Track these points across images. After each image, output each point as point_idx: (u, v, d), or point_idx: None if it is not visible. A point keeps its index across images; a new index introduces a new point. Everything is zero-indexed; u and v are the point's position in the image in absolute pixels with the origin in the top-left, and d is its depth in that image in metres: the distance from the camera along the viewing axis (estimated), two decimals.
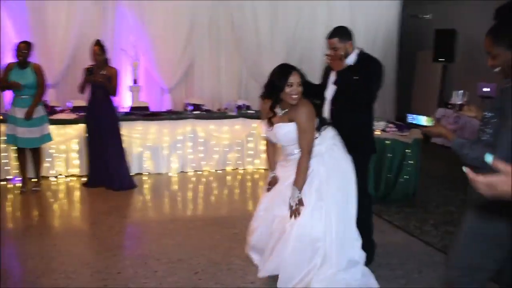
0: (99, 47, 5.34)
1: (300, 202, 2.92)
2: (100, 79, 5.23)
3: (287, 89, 2.87)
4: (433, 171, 6.65)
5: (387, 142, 4.94)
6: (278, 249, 2.96)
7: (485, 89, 7.96)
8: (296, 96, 2.89)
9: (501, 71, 2.02)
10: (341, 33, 3.29)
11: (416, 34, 10.41)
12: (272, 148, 3.33)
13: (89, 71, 5.23)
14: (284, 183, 3.10)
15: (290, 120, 2.96)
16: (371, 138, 3.50)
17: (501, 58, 1.97)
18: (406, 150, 5.02)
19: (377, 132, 4.96)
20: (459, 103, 2.36)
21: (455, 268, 2.16)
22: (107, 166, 5.43)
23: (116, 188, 5.39)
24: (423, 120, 2.31)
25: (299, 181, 2.95)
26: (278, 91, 2.89)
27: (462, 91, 2.36)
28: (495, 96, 3.16)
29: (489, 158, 0.91)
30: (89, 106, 5.45)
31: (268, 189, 3.23)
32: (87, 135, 5.51)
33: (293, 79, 2.88)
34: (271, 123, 3.03)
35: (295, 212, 2.91)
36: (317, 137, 3.02)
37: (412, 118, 2.31)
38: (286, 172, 3.11)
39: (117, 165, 5.49)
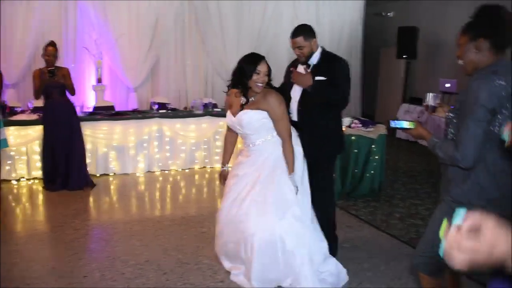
0: (54, 48, 5.20)
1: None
2: (61, 79, 5.16)
3: (254, 77, 2.91)
4: (398, 166, 6.80)
5: (352, 138, 5.01)
6: (254, 258, 2.95)
7: (447, 85, 8.20)
8: (261, 84, 2.93)
9: (463, 64, 2.13)
10: (305, 31, 3.26)
11: (380, 32, 10.64)
12: (231, 141, 3.37)
13: (50, 73, 5.08)
14: (241, 182, 3.10)
15: (257, 109, 2.98)
16: (340, 137, 3.51)
17: (463, 49, 2.09)
18: (372, 146, 5.11)
19: (343, 129, 5.02)
20: (432, 105, 2.42)
21: (422, 255, 2.26)
22: (68, 167, 5.32)
23: (77, 188, 5.32)
24: (405, 124, 2.34)
25: (291, 168, 3.02)
26: (246, 78, 2.91)
27: (435, 94, 2.45)
28: (457, 94, 3.31)
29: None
30: (47, 108, 5.29)
31: (223, 183, 3.30)
32: (45, 136, 5.34)
33: (261, 67, 2.92)
34: (236, 111, 3.05)
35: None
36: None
37: (395, 124, 2.34)
38: (244, 169, 3.11)
39: (79, 165, 5.41)
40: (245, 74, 2.91)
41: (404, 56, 9.17)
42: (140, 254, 3.66)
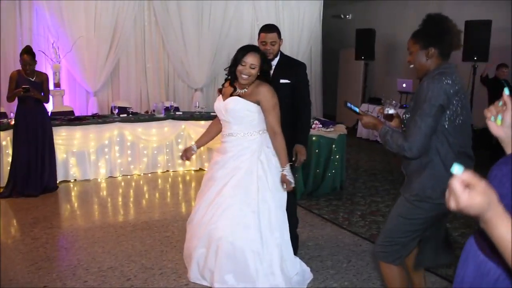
0: (30, 56, 5.02)
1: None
2: (37, 95, 5.06)
3: (239, 67, 2.87)
4: (359, 165, 6.96)
5: (313, 138, 5.10)
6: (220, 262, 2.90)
7: (403, 85, 8.46)
8: (246, 77, 2.88)
9: (414, 69, 2.34)
10: (278, 29, 3.35)
11: (339, 34, 10.87)
12: (216, 129, 3.25)
13: (25, 90, 4.92)
14: (217, 185, 3.00)
15: (249, 100, 2.93)
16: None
17: (415, 56, 2.31)
18: (332, 145, 5.22)
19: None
20: (391, 113, 2.50)
21: (381, 244, 2.42)
22: (37, 173, 5.22)
23: (41, 192, 5.26)
24: (358, 110, 2.46)
25: (283, 161, 2.98)
26: (234, 67, 2.91)
27: (395, 102, 2.51)
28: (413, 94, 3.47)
29: (457, 169, 0.93)
30: (19, 114, 5.14)
31: (182, 156, 3.25)
32: (15, 142, 5.17)
33: (247, 59, 2.87)
34: (226, 97, 3.00)
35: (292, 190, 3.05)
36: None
37: (350, 105, 2.47)
38: (219, 171, 3.02)
39: (50, 169, 5.35)
40: (233, 63, 2.92)
41: (362, 58, 9.41)
42: (102, 261, 3.61)
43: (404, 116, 2.31)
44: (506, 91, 1.27)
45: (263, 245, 2.91)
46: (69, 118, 6.04)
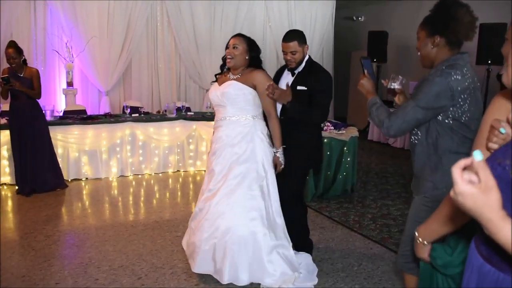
0: (14, 50, 5.02)
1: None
2: (20, 87, 5.01)
3: (226, 51, 3.03)
4: (370, 167, 6.93)
5: (325, 140, 5.08)
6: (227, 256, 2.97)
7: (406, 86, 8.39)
8: (230, 58, 3.00)
9: (420, 57, 2.24)
10: (299, 36, 3.23)
11: (351, 36, 10.82)
12: None
13: (5, 80, 4.88)
14: (214, 180, 3.08)
15: (245, 83, 3.02)
16: (317, 151, 3.47)
17: (422, 42, 2.21)
18: (344, 148, 5.20)
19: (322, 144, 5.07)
20: (393, 87, 2.41)
21: (403, 255, 2.32)
22: (38, 169, 5.26)
23: (49, 189, 5.31)
24: (367, 70, 2.40)
25: (277, 142, 3.10)
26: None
27: (402, 78, 2.39)
28: None
29: (477, 155, 0.91)
30: (13, 110, 5.18)
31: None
32: (12, 140, 5.22)
33: (231, 41, 3.02)
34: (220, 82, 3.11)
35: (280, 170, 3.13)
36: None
37: (365, 62, 2.41)
38: (218, 164, 3.07)
39: (49, 166, 5.35)
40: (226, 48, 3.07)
41: (374, 60, 9.35)
42: (114, 259, 3.63)
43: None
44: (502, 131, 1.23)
45: (270, 228, 3.02)
46: (82, 117, 6.08)
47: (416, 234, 1.66)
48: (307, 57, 3.31)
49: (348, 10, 10.71)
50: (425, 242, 1.63)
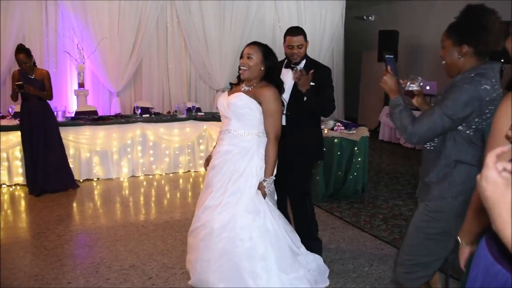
0: (24, 55, 5.06)
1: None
2: (33, 92, 5.08)
3: (240, 61, 2.84)
4: (381, 167, 6.89)
5: (335, 140, 5.07)
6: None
7: (427, 87, 8.33)
8: (244, 68, 2.80)
9: (445, 65, 2.16)
10: (304, 32, 3.32)
11: (361, 35, 10.76)
12: None
13: (19, 86, 4.96)
14: (212, 196, 2.86)
15: (251, 98, 2.82)
16: (321, 146, 3.56)
17: (447, 51, 2.11)
18: (354, 148, 5.17)
19: (326, 131, 5.08)
20: (412, 89, 2.31)
21: (402, 264, 2.27)
22: (49, 170, 5.31)
23: (60, 190, 5.37)
24: (390, 66, 2.31)
25: (268, 171, 2.82)
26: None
27: (421, 79, 2.32)
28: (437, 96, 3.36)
29: None
30: (23, 112, 5.24)
31: (205, 166, 3.15)
32: (23, 141, 5.28)
33: (246, 50, 2.82)
34: (232, 92, 2.93)
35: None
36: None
37: (389, 58, 2.31)
38: (216, 176, 2.87)
39: (60, 166, 5.41)
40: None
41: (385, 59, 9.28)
42: (124, 259, 3.65)
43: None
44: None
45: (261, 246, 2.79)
46: (93, 118, 6.13)
47: (459, 236, 1.63)
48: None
49: (358, 9, 10.66)
50: (464, 244, 1.60)
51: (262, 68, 2.84)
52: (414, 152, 7.92)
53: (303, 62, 3.33)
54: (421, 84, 2.33)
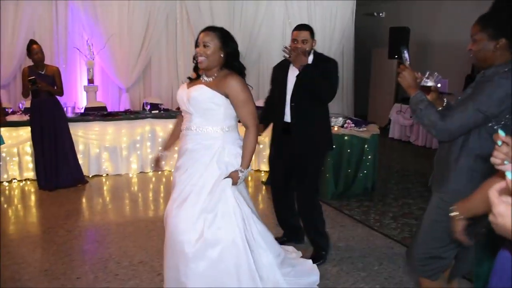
0: (38, 46, 5.15)
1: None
2: (46, 87, 5.12)
3: (196, 49, 2.55)
4: (391, 165, 6.84)
5: (345, 138, 5.03)
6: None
7: (438, 85, 8.23)
8: (202, 58, 2.51)
9: (474, 59, 2.08)
10: (311, 28, 3.36)
11: (371, 32, 10.69)
12: (178, 130, 2.83)
13: (31, 82, 4.99)
14: (177, 202, 2.62)
15: (215, 90, 2.53)
16: (329, 135, 3.55)
17: (481, 45, 2.01)
18: (365, 146, 5.13)
19: (336, 129, 5.05)
20: (428, 85, 2.24)
21: (416, 257, 2.24)
22: (59, 165, 5.34)
23: (69, 185, 5.39)
24: (406, 59, 2.26)
25: (245, 162, 2.58)
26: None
27: (438, 75, 2.26)
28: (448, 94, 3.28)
29: (509, 175, 0.89)
30: (34, 107, 5.27)
31: (153, 168, 2.95)
32: (33, 137, 5.31)
33: (200, 37, 2.53)
34: (190, 85, 2.63)
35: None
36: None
37: (405, 52, 2.27)
38: (181, 180, 2.64)
39: (69, 162, 5.45)
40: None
41: (395, 57, 9.21)
42: (133, 255, 3.64)
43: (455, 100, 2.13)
44: (501, 133, 1.15)
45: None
46: (102, 114, 6.14)
47: (455, 207, 1.65)
48: (312, 51, 3.39)
49: (368, 6, 10.58)
50: (460, 217, 1.63)
51: (221, 55, 2.55)
52: (425, 150, 7.86)
53: (311, 57, 3.34)
54: (438, 79, 2.27)
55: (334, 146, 3.68)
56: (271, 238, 2.81)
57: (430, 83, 2.26)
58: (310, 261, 3.25)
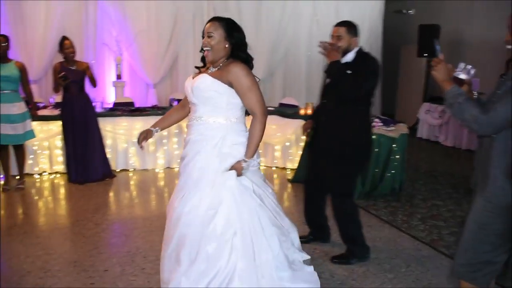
0: (70, 41, 5.27)
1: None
2: (90, 75, 5.33)
3: (202, 41, 2.53)
4: (419, 166, 6.72)
5: (373, 137, 4.92)
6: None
7: (471, 78, 8.05)
8: (207, 49, 2.50)
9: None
10: (350, 25, 3.25)
11: (400, 29, 10.51)
12: (177, 115, 2.90)
13: (63, 78, 5.11)
14: (179, 194, 2.61)
15: (218, 79, 2.50)
16: (361, 137, 3.32)
17: None
18: (393, 145, 5.04)
19: (370, 131, 4.96)
20: (462, 77, 2.18)
21: (466, 264, 2.15)
22: (88, 159, 5.46)
23: (98, 179, 5.51)
24: (439, 52, 2.19)
25: (250, 152, 2.52)
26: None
27: (471, 67, 2.18)
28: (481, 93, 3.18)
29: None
30: (65, 102, 5.39)
31: (139, 144, 2.83)
32: (64, 131, 5.43)
33: (206, 28, 2.51)
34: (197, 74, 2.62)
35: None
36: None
37: (437, 46, 2.20)
38: (184, 172, 2.63)
39: (99, 156, 5.55)
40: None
41: (425, 55, 9.00)
42: (160, 249, 3.64)
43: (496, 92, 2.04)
44: None
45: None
46: (130, 109, 6.22)
47: None
48: (356, 49, 3.26)
49: (397, 3, 10.40)
50: None
51: (226, 46, 2.52)
52: (454, 151, 7.70)
53: (352, 55, 3.22)
54: (472, 73, 2.19)
55: (366, 156, 3.47)
56: (275, 238, 2.63)
57: (462, 76, 2.18)
58: (311, 267, 2.89)
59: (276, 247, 2.61)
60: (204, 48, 2.52)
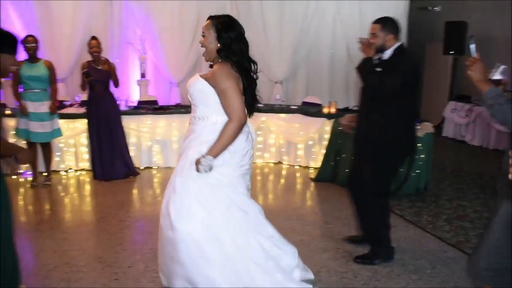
0: (97, 41, 5.39)
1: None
2: (113, 74, 5.43)
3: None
4: (445, 165, 6.59)
5: (409, 137, 4.86)
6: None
7: (505, 78, 7.86)
8: (203, 48, 2.53)
9: None
10: (386, 22, 3.17)
11: (425, 27, 10.31)
12: None
13: (85, 74, 5.23)
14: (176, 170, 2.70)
15: (207, 80, 2.51)
16: (395, 135, 3.20)
17: None
18: (418, 144, 4.95)
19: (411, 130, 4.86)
20: (498, 78, 2.15)
21: (490, 268, 2.10)
22: (112, 157, 5.55)
23: (122, 177, 5.59)
24: (473, 51, 2.15)
25: (214, 149, 2.46)
26: None
27: (504, 67, 2.15)
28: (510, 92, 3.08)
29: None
30: (90, 100, 5.49)
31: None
32: (89, 129, 5.54)
33: (202, 27, 2.54)
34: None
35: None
36: None
37: (472, 44, 2.16)
38: (183, 155, 2.67)
39: (122, 154, 5.64)
40: None
41: (451, 52, 8.84)
42: None
43: None
44: None
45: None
46: (154, 108, 6.28)
47: None
48: (395, 46, 3.15)
49: (423, 0, 10.22)
50: None
51: (218, 46, 2.50)
52: (481, 151, 7.53)
53: (389, 51, 3.15)
54: (505, 73, 2.15)
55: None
56: (243, 239, 2.71)
57: (497, 76, 2.14)
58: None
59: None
60: (201, 47, 2.55)
